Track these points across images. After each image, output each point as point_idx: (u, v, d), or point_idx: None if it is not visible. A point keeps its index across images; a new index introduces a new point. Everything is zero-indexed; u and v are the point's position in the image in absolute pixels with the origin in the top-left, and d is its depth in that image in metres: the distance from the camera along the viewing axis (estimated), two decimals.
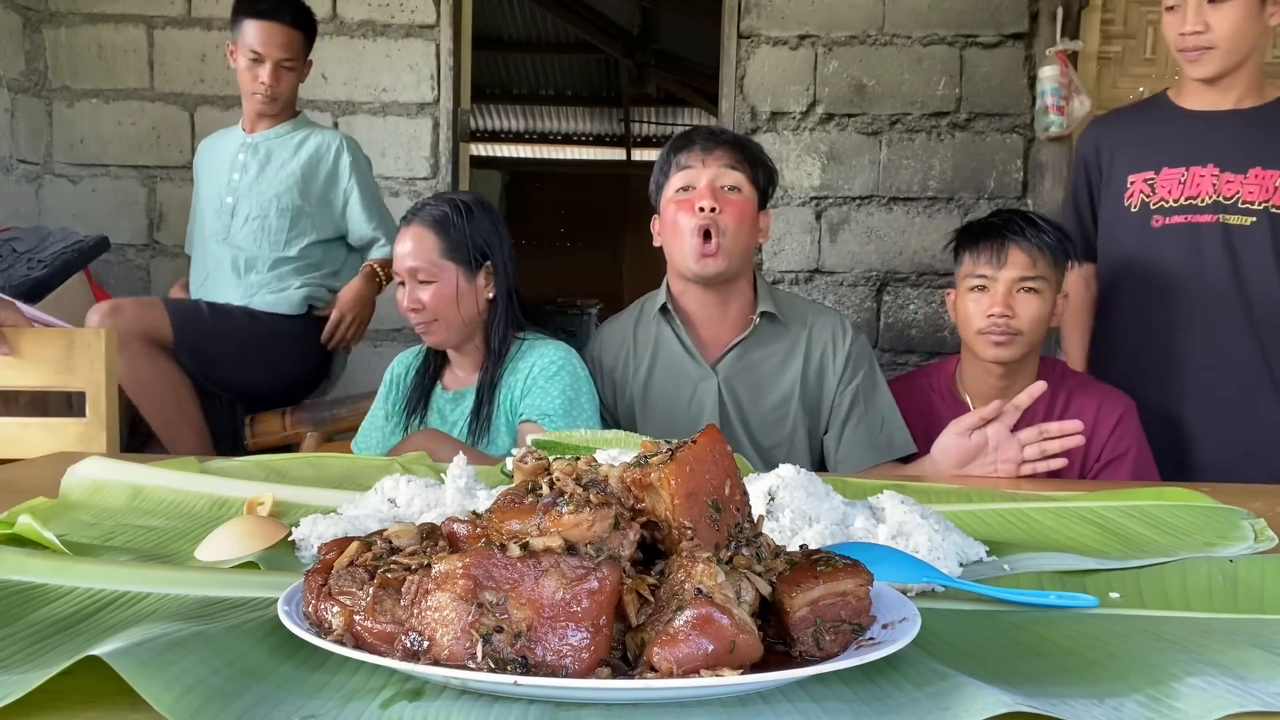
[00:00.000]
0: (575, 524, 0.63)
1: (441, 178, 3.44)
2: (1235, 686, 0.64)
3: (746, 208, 1.86)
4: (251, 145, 2.82)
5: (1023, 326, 1.85)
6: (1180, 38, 2.02)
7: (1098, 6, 3.27)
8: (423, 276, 1.83)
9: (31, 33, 3.41)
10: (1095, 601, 0.85)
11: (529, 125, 9.67)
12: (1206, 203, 2.06)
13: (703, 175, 1.86)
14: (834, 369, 1.90)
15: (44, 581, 0.82)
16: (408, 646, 0.59)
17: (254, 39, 2.67)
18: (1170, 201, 2.09)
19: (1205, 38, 1.99)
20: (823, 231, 3.42)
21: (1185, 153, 2.09)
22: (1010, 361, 1.89)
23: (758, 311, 1.91)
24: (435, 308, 1.83)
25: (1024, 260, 1.85)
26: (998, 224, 1.91)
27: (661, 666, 0.58)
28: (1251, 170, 2.04)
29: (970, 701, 0.59)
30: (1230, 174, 2.05)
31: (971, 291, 1.91)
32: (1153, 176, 2.11)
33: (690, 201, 1.85)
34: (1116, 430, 1.90)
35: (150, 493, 1.17)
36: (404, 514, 1.05)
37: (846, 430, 1.90)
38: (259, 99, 2.74)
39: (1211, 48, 2.00)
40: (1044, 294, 1.87)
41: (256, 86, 2.71)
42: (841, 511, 0.99)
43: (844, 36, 3.36)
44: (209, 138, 2.97)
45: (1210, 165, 2.06)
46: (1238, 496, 1.26)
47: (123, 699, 0.58)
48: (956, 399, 1.99)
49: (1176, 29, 2.02)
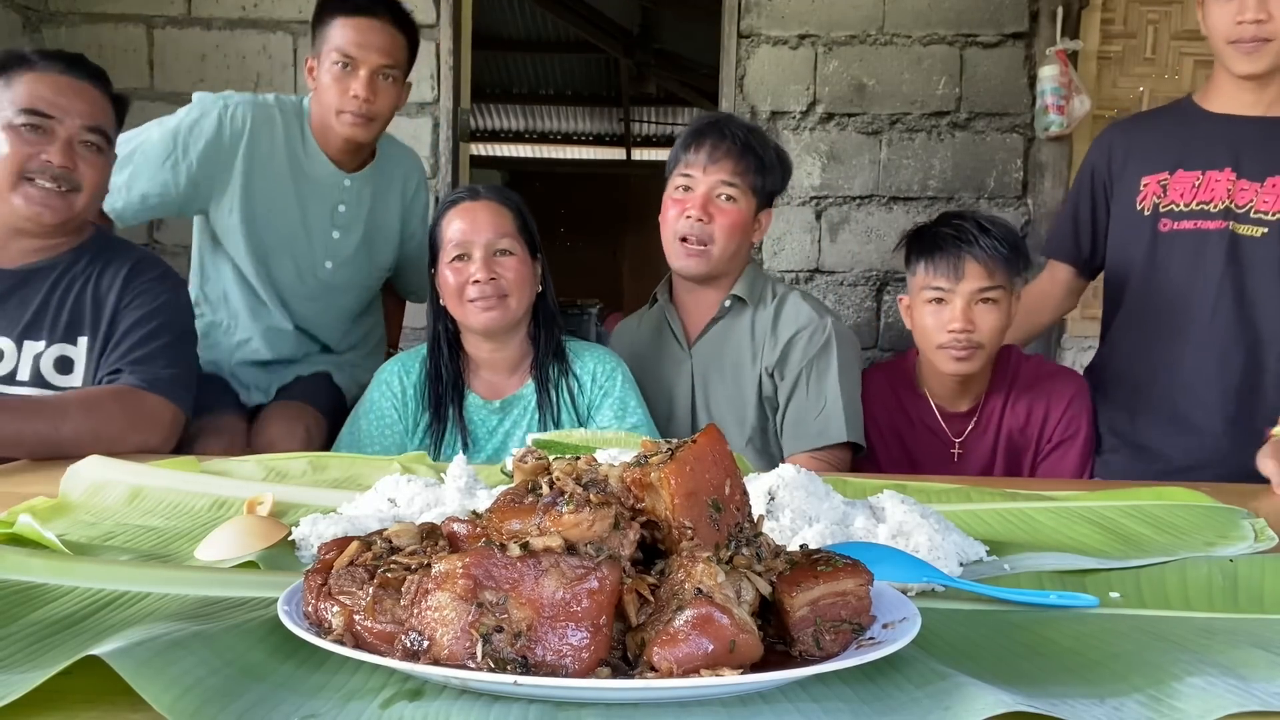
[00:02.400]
0: (575, 524, 0.63)
1: (442, 177, 3.44)
2: (1235, 686, 0.64)
3: (738, 217, 1.90)
4: (353, 190, 2.24)
5: (983, 339, 1.84)
6: (1237, 27, 1.85)
7: (1098, 6, 3.27)
8: (504, 246, 1.75)
9: (31, 32, 3.41)
10: (1095, 601, 0.85)
11: (529, 125, 9.66)
12: (1218, 209, 1.94)
13: (701, 183, 1.89)
14: (795, 357, 1.92)
15: (44, 581, 0.82)
16: (408, 646, 0.59)
17: (344, 39, 2.06)
18: (1181, 205, 1.99)
19: (1267, 28, 1.83)
20: (823, 231, 3.42)
21: (1203, 155, 1.97)
22: (971, 374, 1.90)
23: (729, 294, 1.96)
24: (513, 282, 1.75)
25: (981, 271, 1.83)
26: (952, 234, 1.86)
27: (661, 666, 0.58)
28: (1270, 179, 1.92)
29: (970, 701, 0.59)
30: (1246, 180, 1.93)
31: (929, 304, 1.88)
32: (1166, 178, 2.00)
33: (683, 204, 1.90)
34: (1069, 411, 1.92)
35: (150, 493, 1.17)
36: (404, 514, 1.05)
37: (786, 409, 1.92)
38: (348, 118, 2.09)
39: (1271, 39, 1.84)
40: (1002, 303, 1.86)
41: (346, 101, 2.07)
42: (841, 511, 0.99)
43: (844, 36, 3.35)
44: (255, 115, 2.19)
45: (1227, 169, 1.95)
46: (1238, 497, 1.26)
47: (123, 699, 0.58)
48: (917, 392, 2.02)
49: (1232, 17, 1.85)
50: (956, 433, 1.98)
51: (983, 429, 1.96)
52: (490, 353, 1.83)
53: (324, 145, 2.20)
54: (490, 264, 1.74)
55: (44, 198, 1.66)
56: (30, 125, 1.65)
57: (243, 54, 3.41)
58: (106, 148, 1.74)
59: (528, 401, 1.82)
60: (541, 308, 1.84)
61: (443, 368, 1.82)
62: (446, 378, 1.82)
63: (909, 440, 2.00)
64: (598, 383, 1.82)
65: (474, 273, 1.73)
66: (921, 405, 2.00)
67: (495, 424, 1.82)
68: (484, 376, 1.85)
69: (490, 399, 1.83)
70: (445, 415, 1.81)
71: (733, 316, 1.97)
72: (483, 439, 1.81)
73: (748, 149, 1.91)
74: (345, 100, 2.07)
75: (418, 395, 1.83)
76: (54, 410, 1.53)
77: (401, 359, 1.89)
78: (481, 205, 1.78)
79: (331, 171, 2.21)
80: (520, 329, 1.83)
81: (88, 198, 1.72)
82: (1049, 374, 1.98)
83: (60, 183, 1.67)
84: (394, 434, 1.82)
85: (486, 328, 1.77)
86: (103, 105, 1.73)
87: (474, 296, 1.74)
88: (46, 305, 1.71)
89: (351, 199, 2.24)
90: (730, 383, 1.96)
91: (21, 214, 1.67)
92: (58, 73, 1.68)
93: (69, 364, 1.71)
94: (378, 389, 1.86)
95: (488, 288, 1.73)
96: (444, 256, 1.78)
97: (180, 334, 1.79)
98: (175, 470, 1.26)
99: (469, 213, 1.77)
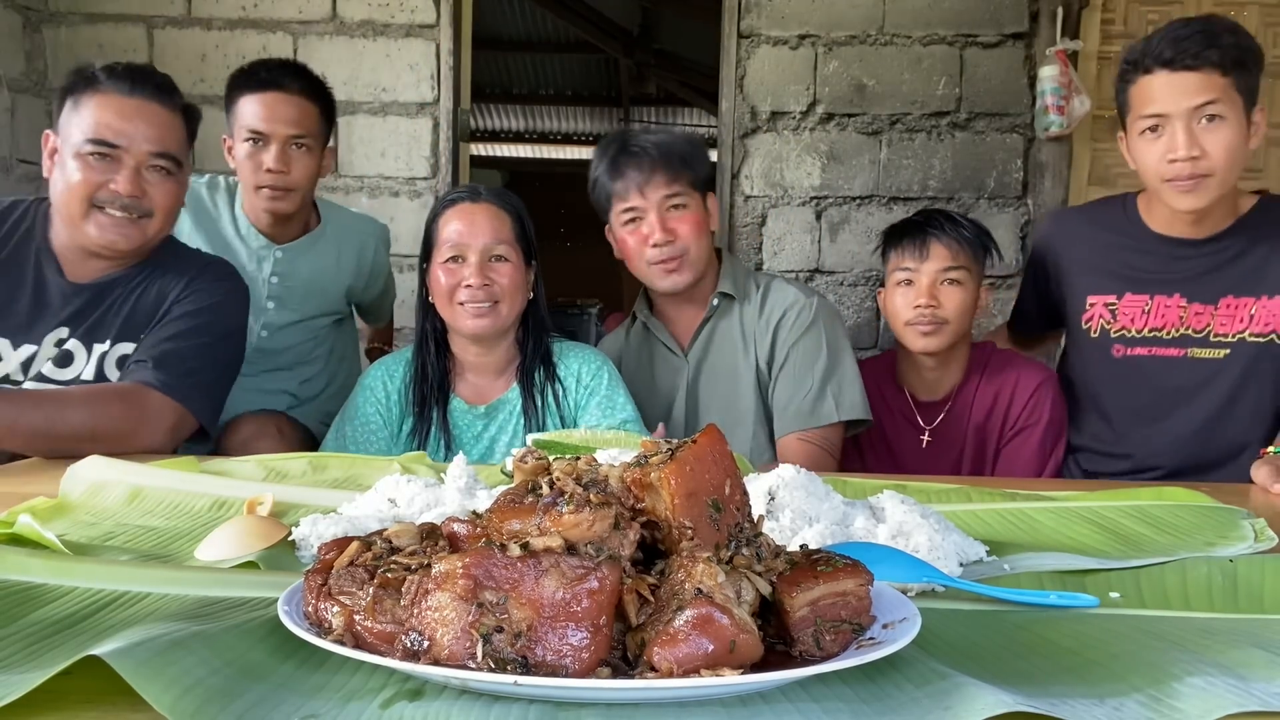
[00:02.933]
0: (575, 524, 0.63)
1: (441, 178, 3.44)
2: (1235, 686, 0.64)
3: (696, 215, 1.90)
4: (285, 261, 2.26)
5: (948, 316, 1.95)
6: (1169, 165, 1.73)
7: (1098, 6, 3.27)
8: (499, 252, 1.73)
9: (31, 32, 3.41)
10: (1095, 601, 0.85)
11: (529, 125, 9.65)
12: (1172, 335, 1.87)
13: (648, 208, 1.87)
14: (783, 338, 1.92)
15: (44, 581, 0.82)
16: (408, 646, 0.59)
17: (252, 115, 2.10)
18: (1134, 332, 1.91)
19: (1202, 164, 1.71)
20: (823, 231, 3.42)
21: (1151, 280, 1.89)
22: (938, 351, 1.98)
23: (716, 292, 1.97)
24: (506, 289, 1.73)
25: (945, 253, 1.95)
26: (920, 221, 2.00)
27: (661, 666, 0.58)
28: (1223, 300, 1.84)
29: (970, 701, 0.59)
30: (1200, 305, 1.85)
31: (899, 286, 2.00)
32: (1114, 302, 1.93)
33: (642, 234, 1.89)
34: (1032, 399, 1.99)
35: (150, 493, 1.17)
36: (404, 514, 1.05)
37: (774, 390, 1.93)
38: (265, 193, 2.13)
39: (1209, 175, 1.72)
40: (966, 284, 1.97)
41: (260, 176, 2.11)
42: (841, 511, 0.99)
43: (844, 36, 3.35)
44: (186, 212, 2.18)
45: (1177, 295, 1.86)
46: (1238, 497, 1.26)
47: (123, 699, 0.58)
48: (898, 388, 2.12)
49: (1163, 155, 1.73)
50: (928, 420, 2.07)
51: (955, 416, 2.05)
52: (477, 356, 1.81)
53: (254, 219, 2.24)
54: (485, 269, 1.72)
55: (116, 226, 1.68)
56: (98, 153, 1.66)
57: (243, 54, 3.41)
58: (177, 170, 1.75)
59: (513, 406, 1.80)
60: (532, 313, 1.82)
61: (429, 367, 1.80)
62: (432, 377, 1.80)
63: (888, 429, 2.09)
64: (583, 383, 1.81)
65: (467, 277, 1.71)
66: (899, 397, 2.11)
67: (480, 429, 1.80)
68: (469, 380, 1.83)
69: (475, 403, 1.81)
70: (429, 417, 1.78)
71: (722, 314, 1.98)
72: (467, 444, 1.79)
73: (667, 152, 1.88)
74: (260, 175, 2.11)
75: (401, 400, 1.81)
76: (54, 403, 1.52)
77: (385, 362, 1.87)
78: (481, 208, 1.76)
79: (263, 244, 2.25)
80: (509, 334, 1.81)
81: (160, 222, 1.74)
82: (1018, 364, 2.06)
83: (131, 211, 1.68)
84: (379, 439, 1.80)
85: (475, 333, 1.75)
86: (171, 124, 1.73)
87: (465, 300, 1.72)
88: (115, 308, 1.73)
89: (284, 269, 2.26)
90: (727, 379, 1.96)
91: (96, 241, 1.69)
92: (124, 94, 1.68)
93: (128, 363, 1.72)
94: (361, 394, 1.84)
95: (480, 293, 1.71)
96: (438, 256, 1.75)
97: (221, 336, 1.78)
98: (175, 470, 1.26)
99: (467, 214, 1.75)
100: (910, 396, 2.09)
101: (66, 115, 1.69)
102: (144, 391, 1.61)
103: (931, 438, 2.06)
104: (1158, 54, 1.72)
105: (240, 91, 2.14)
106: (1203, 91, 1.69)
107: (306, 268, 2.30)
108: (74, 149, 1.66)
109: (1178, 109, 1.71)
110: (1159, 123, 1.74)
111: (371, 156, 3.43)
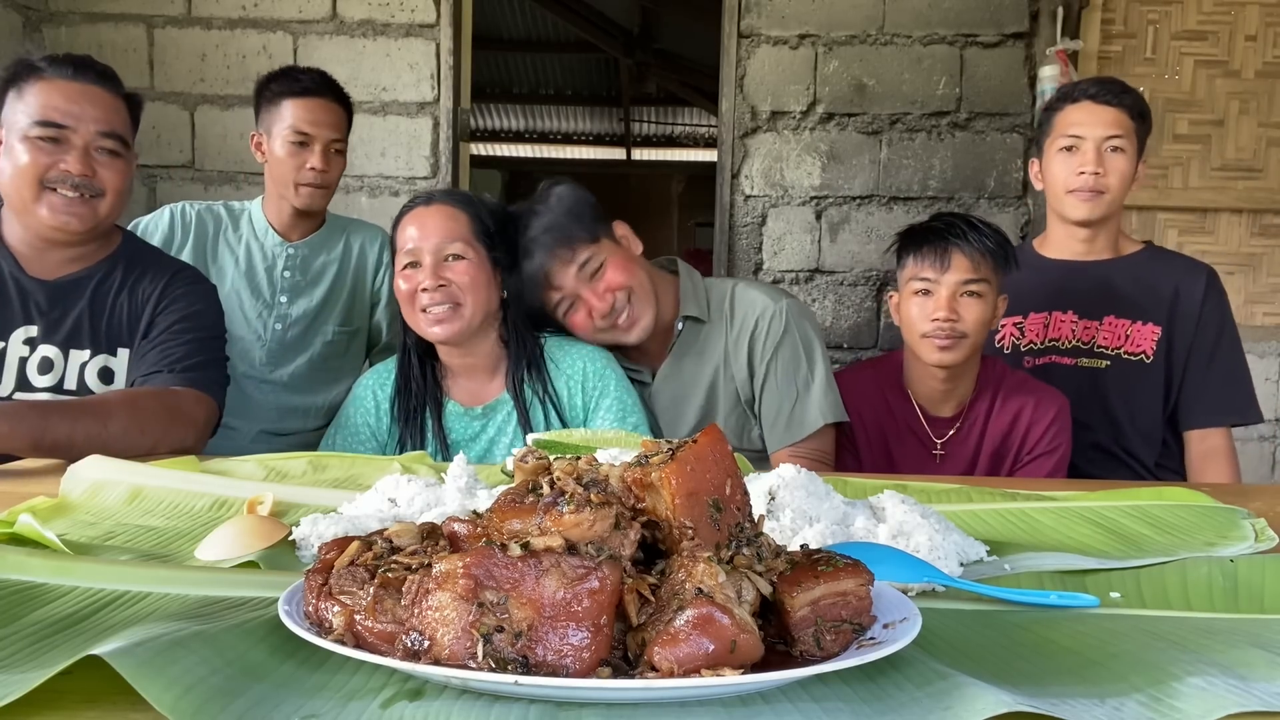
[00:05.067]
0: (576, 524, 0.63)
1: (441, 177, 3.44)
2: (1235, 686, 0.64)
3: (619, 267, 1.81)
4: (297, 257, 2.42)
5: (967, 329, 1.88)
6: (1077, 177, 2.10)
7: (1098, 6, 3.27)
8: (454, 251, 1.69)
9: (31, 32, 3.41)
10: (1095, 601, 0.85)
11: (529, 125, 9.66)
12: (1067, 346, 2.20)
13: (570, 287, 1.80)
14: (759, 350, 1.89)
15: (44, 581, 0.82)
16: (408, 646, 0.59)
17: (299, 118, 2.29)
18: (1038, 343, 2.22)
19: (1103, 181, 2.08)
20: (823, 231, 3.42)
21: (1048, 299, 2.22)
22: (954, 365, 1.92)
23: (680, 316, 1.92)
24: (466, 286, 1.68)
25: (967, 264, 1.87)
26: (940, 228, 1.92)
27: (662, 666, 0.58)
28: (1106, 318, 2.18)
29: (970, 701, 0.59)
30: (1088, 320, 2.19)
31: (915, 295, 1.93)
32: (1021, 321, 2.23)
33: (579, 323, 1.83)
34: (1052, 426, 1.95)
35: (150, 493, 1.17)
36: (404, 514, 1.05)
37: (761, 405, 1.90)
38: (306, 190, 2.32)
39: (1104, 192, 2.10)
40: (986, 297, 1.89)
41: (303, 174, 2.30)
42: (842, 511, 0.99)
43: (844, 36, 3.35)
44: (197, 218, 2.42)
45: (1070, 312, 2.20)
46: (1238, 496, 1.26)
47: (123, 699, 0.58)
48: (904, 393, 2.04)
49: (1074, 169, 2.10)
50: (939, 435, 2.01)
51: (966, 433, 1.99)
52: (461, 359, 1.78)
53: (274, 217, 2.42)
54: (440, 270, 1.68)
55: (68, 206, 1.68)
56: (46, 136, 1.65)
57: (243, 54, 3.41)
58: (124, 151, 1.74)
59: (509, 407, 1.77)
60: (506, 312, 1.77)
61: (412, 380, 1.78)
62: (416, 389, 1.78)
63: (892, 441, 2.02)
64: (590, 382, 1.77)
65: (423, 280, 1.69)
66: (906, 407, 2.03)
67: (478, 430, 1.78)
68: (462, 383, 1.80)
69: (471, 405, 1.79)
70: (421, 426, 1.76)
71: (689, 337, 1.93)
72: (465, 446, 1.76)
73: (551, 229, 1.79)
74: (303, 173, 2.31)
75: (391, 410, 1.79)
76: (100, 410, 1.53)
77: (376, 371, 1.86)
78: (433, 209, 1.73)
79: (278, 242, 2.41)
80: (488, 334, 1.77)
81: (111, 202, 1.73)
82: (1035, 389, 2.01)
83: (82, 190, 1.68)
84: (367, 450, 1.79)
85: (440, 340, 1.72)
86: (116, 108, 1.73)
87: (425, 305, 1.69)
88: (87, 315, 1.74)
89: (296, 265, 2.41)
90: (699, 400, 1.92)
91: (48, 224, 1.68)
92: (67, 79, 1.68)
93: (111, 375, 1.74)
94: (353, 403, 1.83)
95: (437, 295, 1.68)
96: (397, 264, 1.74)
97: (213, 335, 1.83)
98: (175, 470, 1.26)
99: (419, 219, 1.72)
100: (919, 408, 2.02)
101: (10, 105, 1.68)
102: (175, 391, 1.66)
103: (944, 452, 2.00)
104: (1085, 89, 2.14)
105: (283, 95, 2.32)
106: (1115, 125, 2.09)
107: (317, 260, 2.45)
108: (21, 133, 1.65)
109: (1093, 135, 2.09)
110: (1075, 143, 2.11)
111: (372, 156, 3.44)
